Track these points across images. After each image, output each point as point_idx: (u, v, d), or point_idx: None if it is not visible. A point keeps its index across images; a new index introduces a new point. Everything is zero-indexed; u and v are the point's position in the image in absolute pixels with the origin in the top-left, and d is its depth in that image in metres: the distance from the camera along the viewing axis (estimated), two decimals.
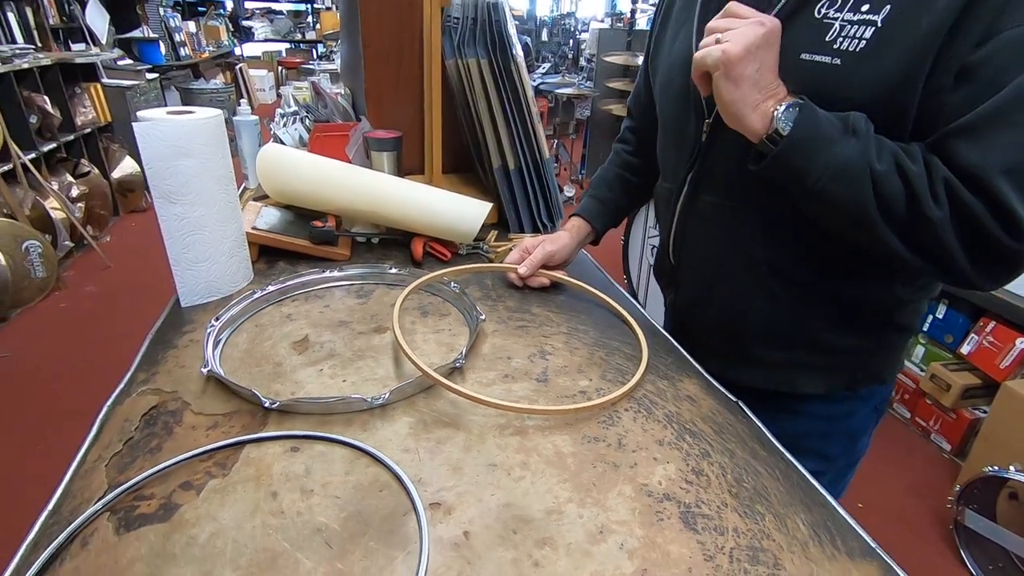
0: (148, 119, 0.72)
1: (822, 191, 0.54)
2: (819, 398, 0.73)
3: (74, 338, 2.41)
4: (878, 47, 0.52)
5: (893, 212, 0.52)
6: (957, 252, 0.52)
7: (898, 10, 0.51)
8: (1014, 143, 0.48)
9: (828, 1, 0.55)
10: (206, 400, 0.62)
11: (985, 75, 0.49)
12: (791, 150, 0.54)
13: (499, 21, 0.97)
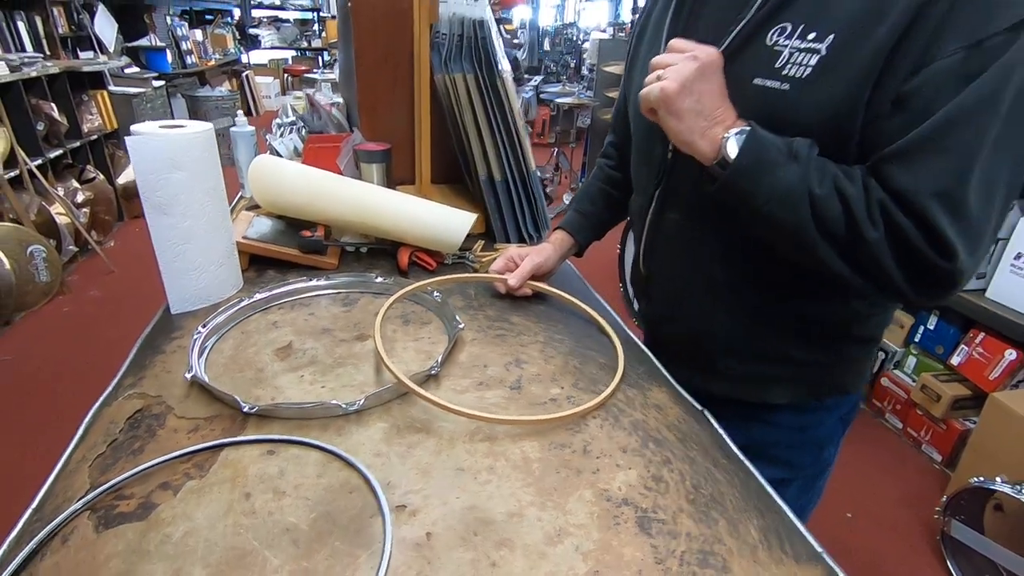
0: (140, 133, 0.75)
1: (768, 214, 0.57)
2: (787, 408, 0.75)
3: (77, 342, 2.45)
4: (823, 74, 0.55)
5: (833, 233, 0.55)
6: (894, 271, 0.54)
7: (841, 40, 0.54)
8: (944, 168, 0.51)
9: (778, 29, 0.58)
10: (189, 404, 0.64)
11: (917, 103, 0.51)
12: (738, 175, 0.56)
13: (484, 37, 1.00)
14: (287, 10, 8.43)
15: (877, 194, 0.53)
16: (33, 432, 1.94)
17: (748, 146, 0.55)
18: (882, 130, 0.54)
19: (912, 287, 0.55)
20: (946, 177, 0.51)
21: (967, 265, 0.53)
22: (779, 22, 0.58)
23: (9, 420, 2.00)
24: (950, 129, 0.50)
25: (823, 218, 0.54)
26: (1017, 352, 1.72)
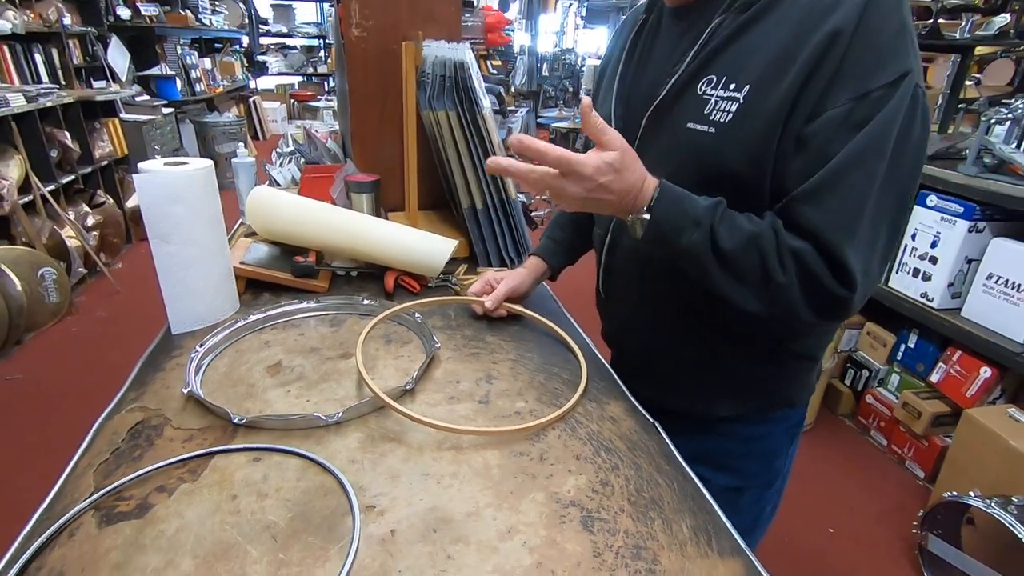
0: (146, 170, 0.83)
1: (682, 268, 0.65)
2: (736, 420, 0.81)
3: (84, 361, 2.52)
4: (741, 119, 0.62)
5: (746, 280, 0.62)
6: (801, 305, 0.61)
7: (754, 90, 0.61)
8: (843, 207, 0.58)
9: (706, 81, 0.65)
10: (185, 416, 0.70)
11: (814, 145, 0.58)
12: (653, 244, 0.64)
13: (466, 78, 1.08)
14: (294, 37, 8.67)
15: (784, 241, 0.60)
16: (43, 446, 2.01)
17: (655, 223, 0.62)
18: (786, 168, 0.61)
19: (815, 315, 0.62)
20: (846, 214, 0.58)
21: (861, 292, 0.60)
22: (707, 74, 0.66)
23: (20, 434, 2.06)
24: (846, 172, 0.57)
25: (735, 269, 0.61)
26: (992, 369, 1.77)
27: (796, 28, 0.59)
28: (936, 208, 1.88)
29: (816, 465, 2.05)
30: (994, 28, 2.25)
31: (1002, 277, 1.73)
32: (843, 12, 0.56)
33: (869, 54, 0.56)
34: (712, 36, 0.66)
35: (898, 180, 0.58)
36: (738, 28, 0.64)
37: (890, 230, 0.61)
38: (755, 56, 0.62)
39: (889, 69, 0.56)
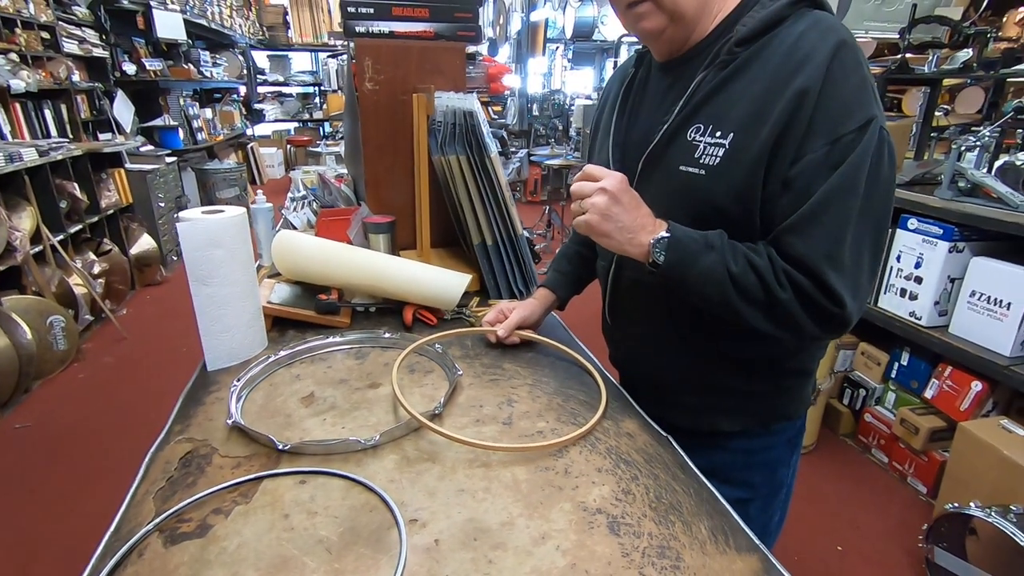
0: (188, 219, 0.90)
1: (698, 292, 0.72)
2: (739, 435, 0.87)
3: (93, 407, 2.53)
4: (728, 163, 0.70)
5: (754, 299, 0.69)
6: (804, 320, 0.68)
7: (738, 137, 0.70)
8: (826, 237, 0.66)
9: (695, 128, 0.74)
10: (230, 445, 0.75)
11: (798, 185, 0.67)
12: (668, 271, 0.71)
13: (475, 126, 1.17)
14: (290, 85, 8.94)
15: (779, 263, 0.68)
16: (53, 493, 2.01)
17: (672, 248, 0.70)
18: (775, 206, 0.69)
19: (819, 328, 0.69)
20: (829, 243, 0.66)
21: (852, 308, 0.67)
22: (694, 123, 0.74)
23: (31, 483, 2.07)
24: (826, 207, 0.65)
25: (743, 288, 0.69)
26: (982, 383, 1.83)
27: (769, 84, 0.68)
28: (917, 231, 1.98)
29: (821, 485, 2.08)
30: (958, 62, 2.40)
31: (984, 294, 1.81)
32: (809, 72, 0.65)
33: (837, 106, 0.65)
34: (697, 89, 0.74)
35: (873, 210, 0.67)
36: (720, 82, 0.73)
37: (871, 253, 0.69)
38: (736, 107, 0.70)
39: (856, 117, 0.65)
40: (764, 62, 0.70)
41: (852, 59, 0.66)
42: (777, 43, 0.69)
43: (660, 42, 0.78)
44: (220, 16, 6.03)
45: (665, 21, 0.74)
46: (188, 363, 3.01)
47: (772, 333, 0.71)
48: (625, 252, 0.74)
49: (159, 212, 4.12)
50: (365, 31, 1.32)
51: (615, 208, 0.72)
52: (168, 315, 3.54)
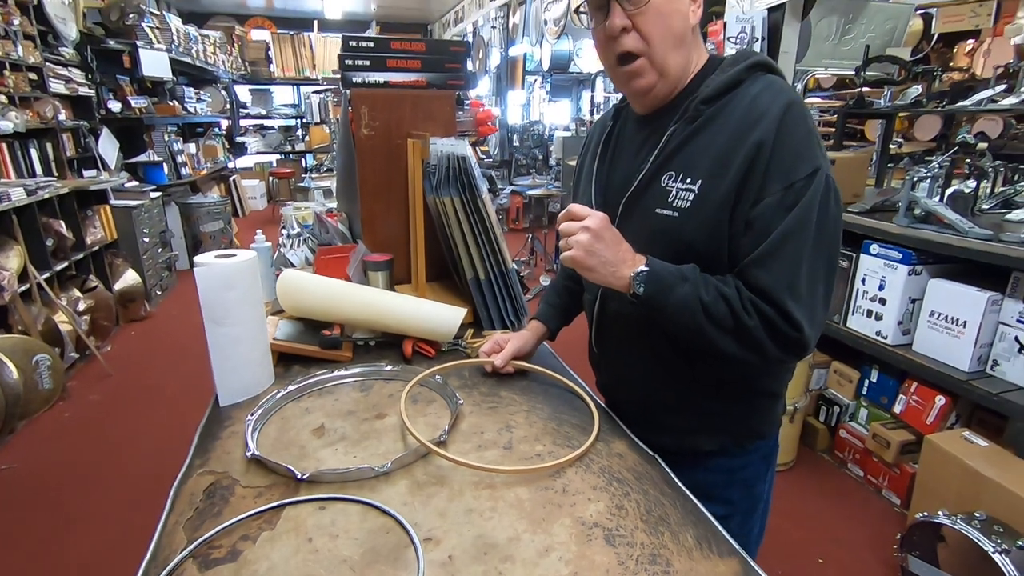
0: (204, 263, 0.96)
1: (675, 319, 0.80)
2: (718, 454, 0.94)
3: (80, 446, 2.51)
4: (698, 206, 0.80)
5: (723, 326, 0.77)
6: (768, 344, 0.77)
7: (706, 184, 0.80)
8: (784, 270, 0.75)
9: (668, 175, 0.84)
10: (250, 476, 0.81)
11: (759, 225, 0.76)
12: (648, 300, 0.80)
13: (467, 169, 1.26)
14: (272, 118, 9.04)
15: (746, 293, 0.77)
16: (39, 536, 1.99)
17: (651, 280, 0.79)
18: (740, 243, 0.79)
19: (781, 352, 0.78)
20: (787, 275, 0.75)
21: (809, 333, 0.76)
22: (667, 171, 0.84)
23: (16, 526, 2.04)
24: (784, 244, 0.75)
25: (713, 316, 0.77)
26: (945, 397, 1.95)
27: (731, 137, 0.78)
28: (879, 255, 2.12)
29: (801, 500, 2.16)
30: (910, 98, 2.59)
31: (942, 313, 1.94)
32: (764, 127, 0.76)
33: (788, 156, 0.75)
34: (669, 141, 0.84)
35: (824, 246, 0.76)
36: (688, 135, 0.83)
37: (825, 284, 0.78)
38: (703, 157, 0.80)
39: (804, 166, 0.75)
40: (726, 118, 0.80)
41: (800, 116, 0.77)
42: (736, 102, 0.80)
43: (648, 98, 0.88)
44: (204, 53, 6.12)
45: (656, 78, 0.84)
46: (176, 400, 3.02)
47: (740, 356, 0.80)
48: (608, 284, 0.83)
49: (144, 247, 4.13)
50: (362, 81, 1.41)
51: (598, 245, 0.81)
52: (153, 351, 3.52)
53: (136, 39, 4.43)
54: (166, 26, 4.91)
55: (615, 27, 0.80)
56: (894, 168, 2.88)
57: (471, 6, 7.05)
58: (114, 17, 4.33)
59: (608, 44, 0.84)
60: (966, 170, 2.22)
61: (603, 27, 0.82)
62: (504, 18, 5.99)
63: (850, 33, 3.32)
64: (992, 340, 1.85)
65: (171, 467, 0.82)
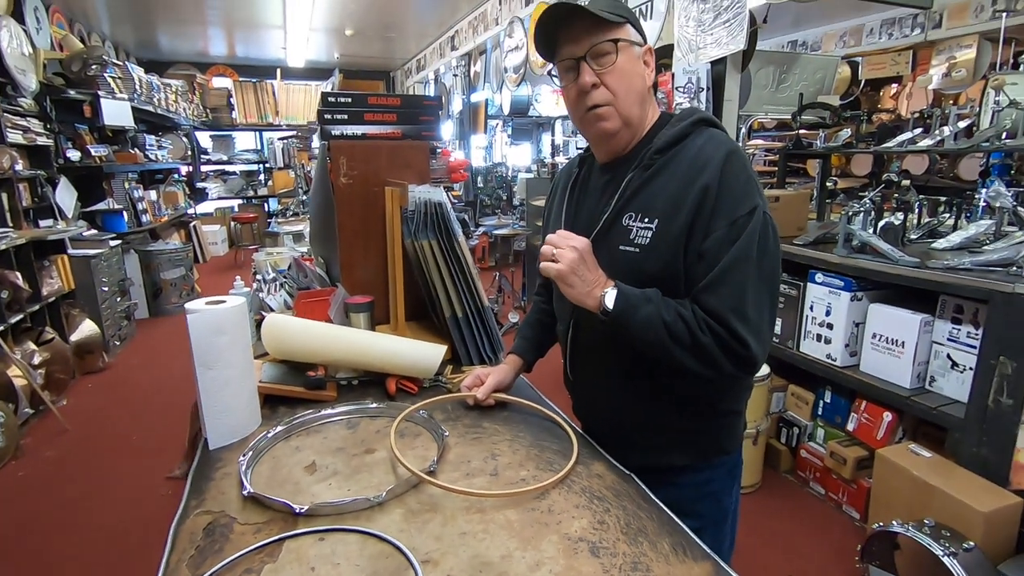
0: (196, 309, 1.00)
1: (640, 336, 0.89)
2: (688, 469, 1.02)
3: (35, 507, 2.39)
4: (656, 242, 0.91)
5: (682, 342, 0.87)
6: (721, 359, 0.87)
7: (662, 222, 0.90)
8: (731, 294, 0.86)
9: (628, 216, 0.95)
10: (248, 514, 0.83)
11: (709, 256, 0.87)
12: (617, 316, 0.89)
13: (444, 215, 1.34)
14: (234, 163, 9.01)
15: (700, 314, 0.87)
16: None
17: (619, 300, 0.89)
18: (694, 272, 0.89)
19: (734, 367, 0.88)
20: (733, 299, 0.86)
21: (757, 351, 0.87)
22: (627, 212, 0.95)
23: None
24: (730, 271, 0.86)
25: (673, 334, 0.87)
26: (892, 413, 2.09)
27: (681, 182, 0.90)
28: (824, 283, 2.29)
29: (768, 521, 2.24)
30: (841, 140, 2.84)
31: (883, 335, 2.10)
32: (709, 172, 0.88)
33: (731, 196, 0.87)
34: (628, 186, 0.96)
35: (765, 274, 0.88)
36: (644, 181, 0.94)
37: (769, 307, 0.90)
38: (658, 199, 0.92)
39: (745, 205, 0.87)
40: (676, 165, 0.92)
41: (739, 163, 0.90)
42: (685, 152, 0.93)
43: (611, 143, 0.99)
44: (166, 101, 6.13)
45: (620, 124, 0.96)
46: (139, 452, 2.93)
47: (698, 371, 0.89)
48: (582, 301, 0.92)
49: (102, 296, 4.02)
50: (340, 134, 1.50)
51: (580, 264, 0.91)
52: (113, 403, 3.41)
53: (98, 89, 4.42)
54: (128, 76, 4.93)
55: (586, 83, 0.92)
56: (832, 203, 3.12)
57: (433, 55, 7.31)
58: (75, 68, 4.33)
59: (580, 99, 0.95)
60: (894, 204, 2.45)
61: (575, 85, 0.94)
62: (466, 66, 6.24)
63: (786, 82, 3.63)
64: (928, 358, 2.02)
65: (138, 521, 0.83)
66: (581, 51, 0.92)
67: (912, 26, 5.07)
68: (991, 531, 1.60)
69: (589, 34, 0.91)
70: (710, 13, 2.46)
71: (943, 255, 2.08)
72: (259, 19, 6.17)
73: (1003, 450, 1.71)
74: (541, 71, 4.13)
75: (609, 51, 0.91)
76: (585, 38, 0.92)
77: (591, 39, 0.91)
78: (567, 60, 0.94)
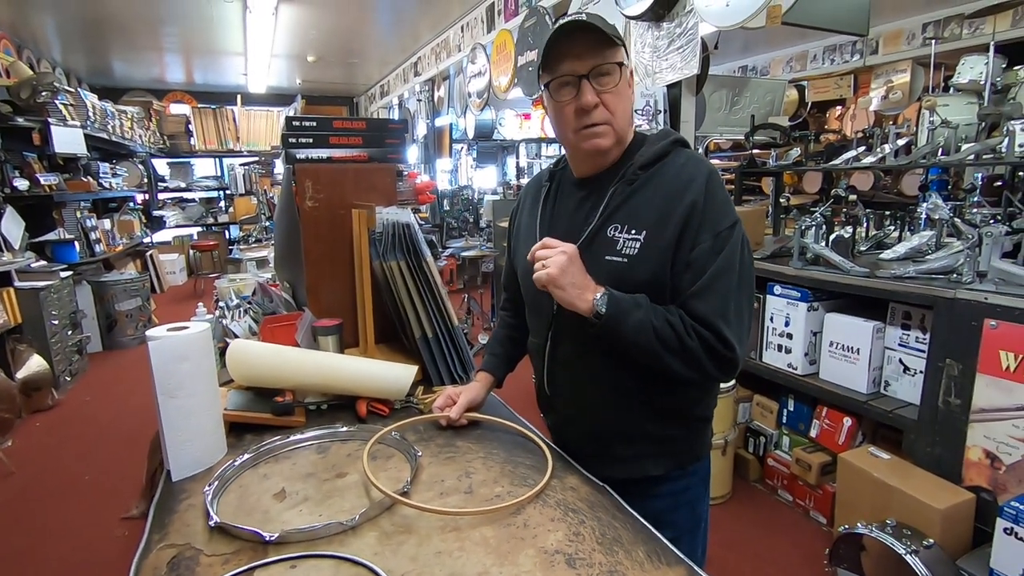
0: (157, 336, 0.98)
1: (631, 340, 0.92)
2: (664, 479, 1.04)
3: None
4: (644, 253, 0.94)
5: (670, 346, 0.90)
6: (707, 363, 0.91)
7: (650, 233, 0.94)
8: (718, 301, 0.90)
9: (614, 227, 0.97)
10: (214, 545, 0.81)
11: (696, 265, 0.92)
12: (608, 321, 0.91)
13: (412, 236, 1.35)
14: (193, 191, 8.80)
15: (687, 320, 0.91)
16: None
17: (611, 304, 0.91)
18: (681, 281, 0.93)
19: (717, 371, 0.92)
20: (720, 305, 0.90)
21: (740, 352, 0.91)
22: (612, 223, 0.98)
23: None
24: (716, 280, 0.90)
25: (662, 337, 0.90)
26: (851, 418, 2.17)
27: (667, 197, 0.94)
28: (782, 295, 2.37)
29: (740, 531, 2.28)
30: (791, 159, 2.98)
31: (839, 343, 2.19)
32: (695, 189, 0.93)
33: (714, 212, 0.92)
34: (612, 198, 0.99)
35: (745, 282, 0.94)
36: (628, 194, 0.98)
37: (748, 313, 0.95)
38: (644, 212, 0.95)
39: (726, 219, 0.93)
40: (660, 180, 0.97)
41: (718, 182, 0.96)
42: (667, 169, 0.98)
43: (601, 159, 1.02)
44: (121, 128, 5.98)
45: (613, 141, 1.00)
46: (91, 494, 2.79)
47: (684, 374, 0.92)
48: (573, 305, 0.93)
49: (52, 330, 3.84)
50: (305, 157, 1.50)
51: (571, 268, 0.93)
52: (64, 442, 3.23)
53: (48, 116, 4.28)
54: (81, 102, 4.79)
55: (589, 102, 0.95)
56: (787, 218, 3.26)
57: (396, 80, 7.37)
58: (24, 95, 4.20)
59: (578, 116, 0.97)
60: (844, 218, 2.57)
61: (574, 102, 0.96)
62: (429, 91, 6.31)
63: (738, 104, 3.80)
64: (882, 364, 2.11)
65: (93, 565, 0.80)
66: (584, 69, 0.94)
67: (852, 52, 5.40)
68: (948, 527, 1.66)
69: (593, 53, 0.94)
70: (664, 40, 2.57)
71: (890, 265, 2.20)
72: (219, 46, 6.12)
73: (955, 449, 1.79)
74: (504, 95, 4.21)
75: (612, 71, 0.95)
76: (589, 56, 0.94)
77: (595, 58, 0.94)
78: (567, 76, 0.96)
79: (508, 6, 4.09)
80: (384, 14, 5.25)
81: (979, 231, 1.85)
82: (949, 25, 4.58)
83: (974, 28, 4.36)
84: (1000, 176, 2.66)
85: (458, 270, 5.62)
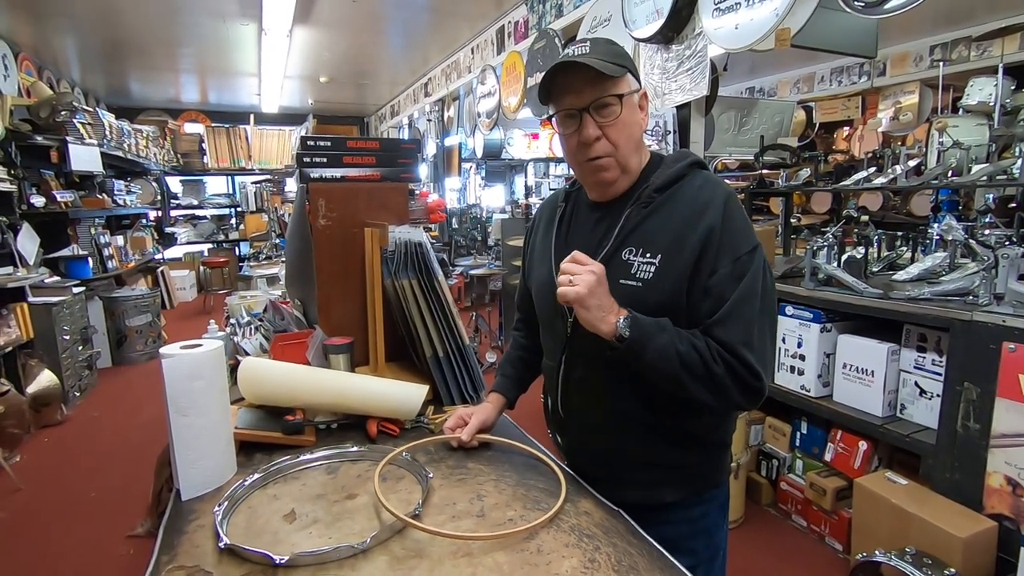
0: (170, 354, 0.98)
1: (653, 365, 0.90)
2: (679, 506, 1.02)
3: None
4: (659, 277, 0.93)
5: (695, 372, 0.88)
6: (733, 391, 0.89)
7: (666, 257, 0.93)
8: (742, 328, 0.89)
9: (628, 250, 0.97)
10: (224, 568, 0.80)
11: (715, 292, 0.90)
12: (633, 344, 0.89)
13: (424, 255, 1.35)
14: (205, 208, 8.91)
15: (713, 346, 0.89)
16: None
17: (635, 327, 0.89)
18: (700, 307, 0.92)
19: (744, 399, 0.90)
20: (744, 333, 0.89)
21: (765, 380, 0.90)
22: (627, 247, 0.97)
23: None
24: (738, 306, 0.89)
25: (687, 364, 0.88)
26: (867, 442, 2.13)
27: (683, 221, 0.93)
28: (794, 316, 2.35)
29: (754, 557, 2.22)
30: (801, 179, 2.98)
31: (853, 365, 2.16)
32: (712, 214, 0.92)
33: (733, 237, 0.91)
34: (627, 222, 0.98)
35: (768, 308, 0.92)
36: (643, 217, 0.97)
37: (771, 339, 0.94)
38: (660, 236, 0.94)
39: (746, 244, 0.92)
40: (676, 203, 0.96)
41: (737, 205, 0.95)
42: (683, 192, 0.97)
43: (611, 188, 1.02)
44: (136, 147, 6.08)
45: (619, 173, 0.99)
46: (98, 511, 2.77)
47: (708, 401, 0.90)
48: (595, 326, 0.91)
49: (63, 345, 3.87)
50: (319, 177, 1.51)
51: (599, 288, 0.90)
52: (72, 458, 3.23)
53: (66, 135, 4.37)
54: (98, 122, 4.89)
55: (590, 136, 0.95)
56: (797, 238, 3.24)
57: (406, 101, 7.47)
58: (44, 114, 4.29)
59: (581, 148, 0.97)
60: (855, 239, 2.56)
61: (576, 135, 0.96)
62: (439, 111, 6.39)
63: (747, 125, 3.82)
64: (897, 387, 2.08)
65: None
66: (583, 103, 0.94)
67: (859, 74, 5.43)
68: (970, 556, 1.61)
69: (592, 87, 0.94)
70: (674, 61, 2.60)
71: (904, 286, 2.17)
72: (233, 67, 6.24)
73: (975, 475, 1.75)
74: (513, 116, 4.26)
75: (612, 104, 0.94)
76: (588, 91, 0.94)
77: (594, 92, 0.94)
78: (569, 109, 0.96)
79: (518, 28, 4.16)
80: (395, 37, 5.34)
81: (995, 252, 1.83)
82: (957, 47, 4.59)
83: (982, 50, 4.38)
84: (1012, 197, 2.65)
85: (466, 288, 5.63)
